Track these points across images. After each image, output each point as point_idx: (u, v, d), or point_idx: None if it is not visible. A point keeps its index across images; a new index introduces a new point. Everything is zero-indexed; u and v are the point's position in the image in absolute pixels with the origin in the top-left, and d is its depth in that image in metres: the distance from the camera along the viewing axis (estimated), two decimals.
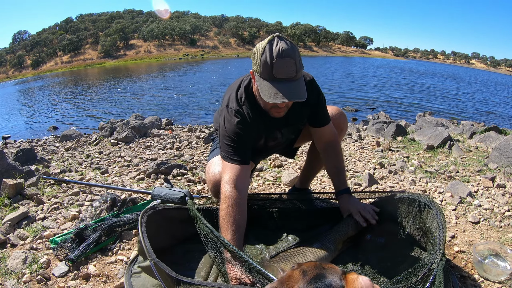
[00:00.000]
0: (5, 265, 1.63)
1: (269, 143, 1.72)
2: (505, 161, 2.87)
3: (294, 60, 1.29)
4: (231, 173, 1.45)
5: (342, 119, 1.85)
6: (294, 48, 1.31)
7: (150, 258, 1.17)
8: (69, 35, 63.96)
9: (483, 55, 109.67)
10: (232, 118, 1.50)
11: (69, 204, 2.38)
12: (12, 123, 10.20)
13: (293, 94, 1.29)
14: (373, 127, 4.94)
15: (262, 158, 2.14)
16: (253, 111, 1.51)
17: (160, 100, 12.96)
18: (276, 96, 1.28)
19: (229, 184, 1.43)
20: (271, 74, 1.30)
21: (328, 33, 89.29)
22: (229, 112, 1.52)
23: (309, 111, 1.65)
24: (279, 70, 1.28)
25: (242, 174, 1.46)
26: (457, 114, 10.79)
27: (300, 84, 1.33)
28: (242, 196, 1.43)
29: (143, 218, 1.39)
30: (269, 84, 1.30)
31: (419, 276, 1.03)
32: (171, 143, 4.40)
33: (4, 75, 54.28)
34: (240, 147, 1.49)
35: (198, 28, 70.33)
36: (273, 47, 1.28)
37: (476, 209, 2.15)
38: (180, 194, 1.84)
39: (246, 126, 1.50)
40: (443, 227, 1.19)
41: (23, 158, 3.57)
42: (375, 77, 24.30)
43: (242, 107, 1.51)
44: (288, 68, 1.29)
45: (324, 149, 1.73)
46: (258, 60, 1.32)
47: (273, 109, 1.45)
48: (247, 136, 1.52)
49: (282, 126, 1.66)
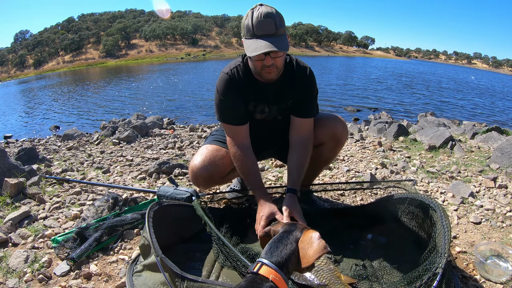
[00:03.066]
0: (7, 264, 1.64)
1: (257, 115, 1.75)
2: (507, 162, 2.86)
3: (273, 19, 1.42)
4: (230, 135, 1.68)
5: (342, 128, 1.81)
6: (274, 12, 1.43)
7: (156, 254, 1.17)
8: (71, 35, 64.08)
9: (485, 55, 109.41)
10: (223, 77, 1.64)
11: (71, 203, 2.38)
12: (14, 123, 10.23)
13: (274, 45, 1.39)
14: (374, 127, 4.93)
15: (257, 157, 2.12)
16: (245, 74, 1.63)
17: (161, 99, 12.96)
18: (258, 49, 1.41)
19: (231, 145, 1.67)
20: (253, 33, 1.43)
21: (329, 33, 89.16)
22: (222, 74, 1.66)
23: (297, 96, 1.68)
24: (259, 28, 1.41)
25: (239, 132, 1.67)
26: (459, 114, 10.76)
27: (280, 38, 1.44)
28: (245, 151, 1.66)
29: (150, 214, 1.39)
30: (251, 40, 1.44)
31: (423, 280, 1.02)
32: (173, 143, 4.40)
33: (6, 74, 54.44)
34: (232, 108, 1.65)
35: (200, 28, 70.38)
36: (254, 12, 1.43)
37: (478, 209, 2.14)
38: (186, 194, 1.82)
39: (235, 85, 1.63)
40: (447, 229, 1.19)
41: (25, 158, 3.58)
42: (376, 77, 24.25)
43: (234, 69, 1.64)
44: (267, 26, 1.41)
45: (296, 142, 1.72)
46: (243, 25, 1.47)
47: (263, 70, 1.52)
48: (236, 95, 1.64)
49: (270, 102, 1.70)
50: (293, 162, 1.70)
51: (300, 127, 1.72)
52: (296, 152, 1.70)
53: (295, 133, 1.73)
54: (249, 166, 1.66)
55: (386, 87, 17.93)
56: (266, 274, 0.90)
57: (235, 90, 1.63)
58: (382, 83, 19.82)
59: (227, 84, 1.63)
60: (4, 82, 42.42)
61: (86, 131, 6.60)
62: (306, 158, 1.70)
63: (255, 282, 0.88)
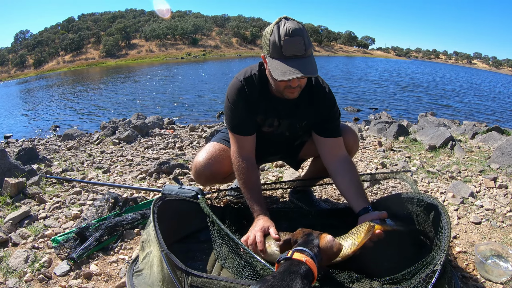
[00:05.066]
0: (7, 264, 1.64)
1: (264, 127, 1.70)
2: (507, 162, 2.86)
3: (302, 37, 1.31)
4: (236, 145, 1.62)
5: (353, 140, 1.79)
6: (301, 27, 1.32)
7: (162, 249, 1.17)
8: (71, 35, 64.13)
9: (485, 55, 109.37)
10: (235, 84, 1.57)
11: (71, 203, 2.38)
12: (14, 122, 10.23)
13: (305, 69, 1.30)
14: (375, 127, 4.93)
15: (261, 162, 2.09)
16: (260, 85, 1.55)
17: (162, 99, 12.96)
18: (287, 72, 1.30)
19: (235, 155, 1.62)
20: (281, 53, 1.31)
21: (330, 33, 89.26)
22: (235, 80, 1.59)
23: (317, 116, 1.62)
24: (288, 48, 1.30)
25: (245, 144, 1.62)
26: (459, 114, 10.75)
27: (310, 60, 1.34)
28: (250, 165, 1.60)
29: (155, 209, 1.39)
30: (280, 62, 1.32)
31: (421, 277, 1.03)
32: (173, 143, 4.40)
33: (6, 74, 54.48)
34: (240, 118, 1.58)
35: (200, 28, 70.40)
36: (280, 27, 1.31)
37: (478, 209, 2.14)
38: (192, 192, 1.82)
39: (247, 95, 1.55)
40: (447, 227, 1.19)
41: (25, 157, 3.58)
42: (376, 77, 24.25)
43: (249, 78, 1.55)
44: (297, 46, 1.30)
45: (339, 164, 1.60)
46: (267, 41, 1.35)
47: (286, 89, 1.44)
48: (247, 106, 1.57)
49: (282, 117, 1.65)
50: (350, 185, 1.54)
51: (334, 147, 1.63)
52: (345, 173, 1.57)
53: (332, 154, 1.63)
54: (254, 181, 1.60)
55: (386, 87, 17.93)
56: (299, 258, 0.96)
57: (246, 100, 1.56)
58: (382, 83, 19.82)
59: (239, 93, 1.55)
60: (4, 82, 42.44)
61: (86, 131, 6.60)
62: (355, 173, 1.59)
63: (293, 265, 0.93)
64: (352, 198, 1.51)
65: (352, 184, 1.54)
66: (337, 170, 1.60)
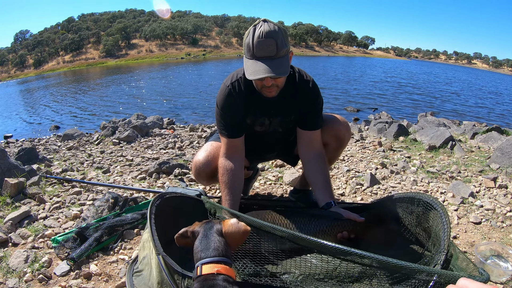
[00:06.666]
0: (7, 264, 1.64)
1: (256, 127, 1.73)
2: (507, 162, 2.86)
3: (275, 40, 1.36)
4: (224, 147, 1.66)
5: (345, 129, 1.81)
6: (277, 29, 1.37)
7: (158, 252, 1.17)
8: (71, 35, 64.06)
9: (485, 55, 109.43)
10: (223, 90, 1.62)
11: (71, 203, 2.39)
12: (14, 122, 10.24)
13: (274, 69, 1.36)
14: (374, 127, 4.93)
15: (258, 159, 2.11)
16: (246, 88, 1.60)
17: (162, 99, 12.96)
18: (256, 72, 1.37)
19: (222, 157, 1.66)
20: (253, 54, 1.39)
21: (330, 33, 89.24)
22: (223, 86, 1.64)
23: (301, 110, 1.65)
24: (259, 49, 1.37)
25: (233, 146, 1.65)
26: (459, 114, 10.75)
27: (281, 61, 1.39)
28: (235, 166, 1.63)
29: (152, 210, 1.38)
30: (252, 62, 1.40)
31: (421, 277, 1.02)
32: (173, 143, 4.40)
33: (6, 74, 54.43)
34: (230, 121, 1.63)
35: (200, 28, 70.38)
36: (256, 30, 1.37)
37: (478, 209, 2.14)
38: (195, 193, 1.83)
39: (235, 99, 1.60)
40: (447, 227, 1.19)
41: (25, 157, 3.58)
42: (376, 77, 24.24)
43: (235, 82, 1.60)
44: (268, 47, 1.36)
45: (313, 156, 1.68)
46: (244, 43, 1.43)
47: (263, 89, 1.50)
48: (235, 109, 1.62)
49: (272, 115, 1.68)
50: (319, 176, 1.64)
51: (311, 140, 1.69)
52: (317, 165, 1.66)
53: (308, 146, 1.69)
54: (238, 182, 1.64)
55: (386, 87, 17.92)
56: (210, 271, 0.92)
57: (234, 104, 1.61)
58: (382, 83, 19.82)
59: (227, 98, 1.60)
60: (4, 82, 42.42)
61: (86, 131, 6.60)
62: (327, 168, 1.68)
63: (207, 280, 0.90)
64: (319, 190, 1.63)
65: (321, 176, 1.64)
66: (309, 160, 1.69)
